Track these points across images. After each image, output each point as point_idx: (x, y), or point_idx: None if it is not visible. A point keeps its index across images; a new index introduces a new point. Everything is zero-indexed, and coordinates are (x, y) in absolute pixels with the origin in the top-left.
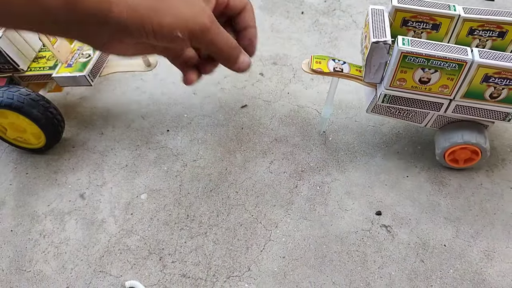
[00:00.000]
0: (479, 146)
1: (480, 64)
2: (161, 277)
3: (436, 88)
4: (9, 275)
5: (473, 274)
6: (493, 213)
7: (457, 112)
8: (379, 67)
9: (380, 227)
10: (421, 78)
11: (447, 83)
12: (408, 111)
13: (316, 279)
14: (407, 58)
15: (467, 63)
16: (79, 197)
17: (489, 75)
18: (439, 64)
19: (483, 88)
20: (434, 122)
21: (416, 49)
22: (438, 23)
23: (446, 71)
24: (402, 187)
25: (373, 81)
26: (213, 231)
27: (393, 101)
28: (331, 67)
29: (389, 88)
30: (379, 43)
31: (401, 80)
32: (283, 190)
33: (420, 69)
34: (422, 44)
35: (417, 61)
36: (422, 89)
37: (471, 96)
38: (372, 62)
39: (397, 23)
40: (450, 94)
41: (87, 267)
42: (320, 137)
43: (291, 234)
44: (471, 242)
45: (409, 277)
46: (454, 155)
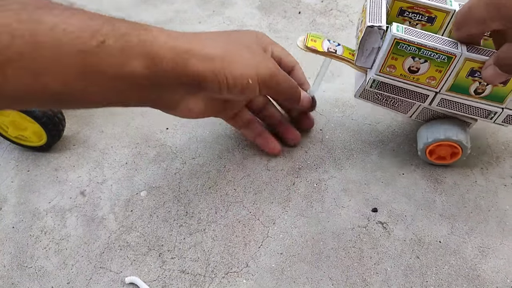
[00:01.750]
0: (461, 144)
1: (467, 57)
2: (160, 273)
3: (423, 79)
4: (11, 271)
5: (468, 270)
6: (487, 210)
7: (441, 106)
8: (371, 51)
9: (376, 223)
10: (411, 67)
11: (435, 74)
12: (395, 100)
13: (313, 275)
14: (399, 45)
15: (456, 56)
16: (80, 194)
17: (475, 69)
18: (429, 54)
19: (468, 82)
20: (420, 114)
21: (409, 36)
22: (434, 16)
23: (435, 62)
24: (398, 184)
25: (364, 65)
26: (212, 227)
27: (381, 87)
28: (325, 47)
29: (378, 73)
30: (374, 27)
31: (391, 66)
32: (281, 187)
33: (411, 58)
34: (416, 33)
35: (409, 49)
36: (410, 78)
37: (456, 90)
38: (365, 46)
39: (394, 12)
40: (436, 86)
41: (88, 263)
42: (317, 135)
43: (288, 230)
44: (465, 238)
45: (404, 273)
46: (435, 151)
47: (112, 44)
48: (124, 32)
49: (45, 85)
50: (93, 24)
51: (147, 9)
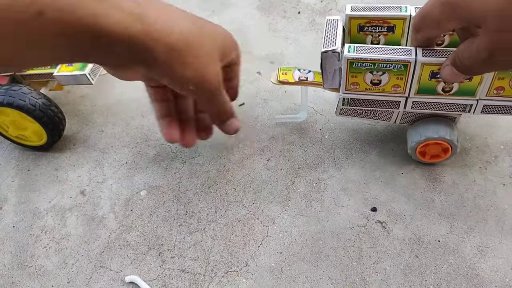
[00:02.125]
0: (451, 143)
1: (423, 62)
2: (160, 272)
3: (389, 88)
4: (11, 270)
5: (467, 269)
6: (486, 209)
7: (416, 108)
8: (334, 73)
9: (375, 223)
10: (372, 80)
11: (397, 82)
12: (373, 111)
13: (313, 274)
14: (354, 64)
15: (411, 63)
16: (80, 193)
17: (435, 71)
18: (385, 66)
19: (433, 83)
20: (403, 118)
21: (360, 55)
22: (393, 25)
23: (393, 72)
24: (397, 184)
25: (332, 86)
26: (212, 227)
27: (353, 103)
28: (296, 76)
29: (346, 92)
30: (328, 52)
31: (354, 84)
32: (280, 186)
33: (369, 73)
34: (367, 49)
35: (364, 65)
36: (376, 90)
37: (424, 92)
38: (327, 69)
39: (354, 30)
40: (403, 92)
41: (88, 262)
42: (316, 134)
43: (288, 230)
44: (464, 238)
45: (404, 272)
46: (425, 149)
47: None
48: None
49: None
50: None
51: None
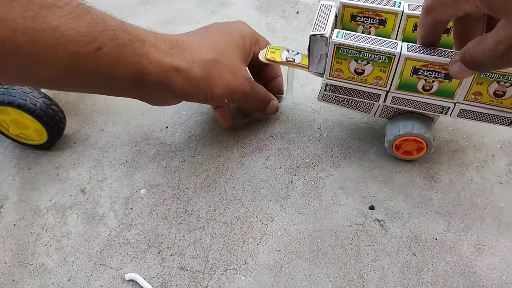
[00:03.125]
0: (428, 141)
1: (407, 57)
2: (160, 270)
3: (371, 79)
4: (12, 268)
5: (464, 267)
6: (483, 207)
7: (395, 104)
8: (320, 58)
9: (373, 221)
10: (356, 69)
11: (380, 74)
12: (354, 101)
13: (311, 271)
14: (340, 49)
15: (395, 56)
16: (80, 192)
17: (417, 67)
18: (370, 56)
19: (414, 80)
20: (382, 113)
21: (347, 41)
22: (384, 19)
23: (377, 63)
24: (395, 182)
25: (317, 70)
26: (211, 225)
27: (335, 90)
28: (284, 57)
29: (329, 78)
30: (317, 36)
31: (338, 70)
32: (279, 185)
33: (354, 61)
34: (355, 37)
35: (350, 52)
36: (359, 80)
37: (405, 88)
38: (313, 53)
39: (347, 19)
40: (385, 85)
41: (88, 260)
42: (314, 133)
43: (286, 228)
44: (461, 236)
45: (401, 270)
46: (402, 145)
47: (108, 52)
48: (121, 43)
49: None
50: (94, 30)
51: (147, 9)
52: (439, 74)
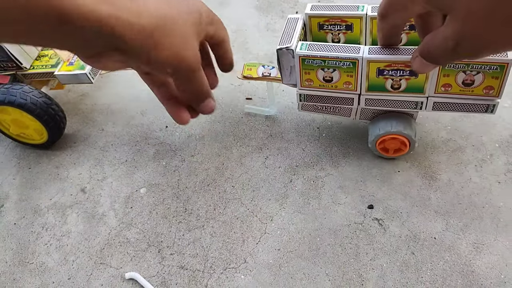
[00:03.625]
0: (408, 137)
1: (369, 59)
2: (160, 268)
3: (341, 85)
4: (13, 266)
5: (462, 266)
6: (481, 206)
7: (370, 105)
8: (291, 70)
9: (372, 220)
10: (324, 77)
11: (348, 79)
12: (331, 107)
13: (310, 270)
14: (306, 61)
15: (358, 60)
16: (80, 191)
17: (381, 68)
18: (334, 63)
19: (381, 81)
20: (362, 115)
21: (311, 52)
22: (350, 24)
23: (343, 69)
24: (394, 182)
25: (290, 82)
26: (210, 224)
27: (310, 99)
28: (260, 72)
29: (301, 88)
30: (283, 49)
31: (308, 80)
32: (278, 184)
33: (321, 69)
34: (318, 47)
35: (315, 62)
36: (329, 87)
37: (375, 89)
38: (284, 66)
39: (315, 29)
40: (355, 89)
41: (88, 259)
42: (314, 133)
43: (285, 227)
44: (460, 235)
45: (400, 269)
46: (384, 144)
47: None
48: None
49: None
50: None
51: None
52: (404, 72)
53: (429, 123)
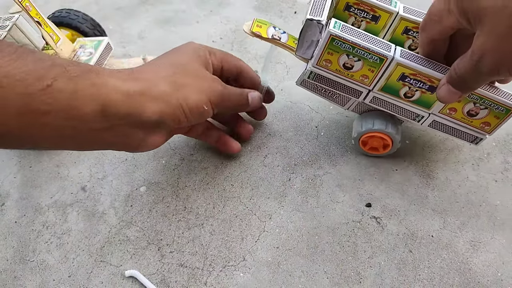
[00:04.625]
0: (392, 136)
1: (399, 62)
2: (159, 266)
3: (357, 76)
4: (13, 264)
5: (460, 264)
6: (478, 205)
7: (373, 103)
8: (311, 44)
9: (370, 218)
10: (345, 63)
11: (367, 73)
12: (332, 92)
13: (309, 268)
14: (335, 41)
15: (387, 58)
16: (81, 189)
17: (406, 74)
18: (362, 53)
19: (399, 85)
20: (356, 108)
21: (344, 34)
22: (378, 16)
23: (368, 62)
24: (391, 180)
25: (304, 56)
26: (210, 222)
27: (318, 79)
28: (270, 33)
29: (316, 66)
30: (313, 21)
31: (327, 61)
32: (277, 183)
33: (345, 55)
34: (352, 31)
35: (343, 46)
36: (345, 74)
37: (387, 91)
38: (305, 38)
39: (341, 6)
40: (369, 84)
41: (89, 257)
42: (312, 132)
43: (284, 225)
44: (457, 233)
45: (398, 267)
46: (368, 141)
47: (62, 87)
48: (74, 76)
49: None
50: (40, 67)
51: (146, 9)
52: (424, 85)
53: None
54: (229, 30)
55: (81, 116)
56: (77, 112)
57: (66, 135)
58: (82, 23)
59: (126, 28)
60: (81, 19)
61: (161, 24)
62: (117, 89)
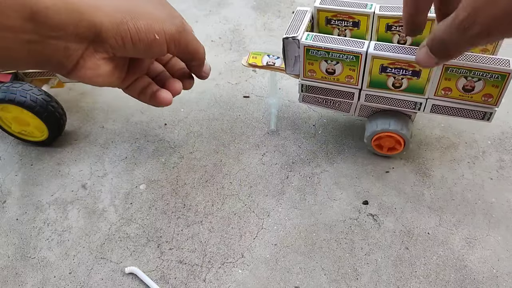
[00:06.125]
0: (404, 137)
1: (373, 55)
2: (159, 263)
3: (343, 78)
4: (15, 261)
5: (455, 261)
6: (474, 202)
7: (369, 101)
8: (295, 60)
9: (367, 215)
10: (327, 69)
11: (350, 73)
12: (332, 101)
13: (306, 265)
14: (310, 51)
15: (362, 54)
16: (81, 187)
17: (385, 65)
18: (338, 56)
19: (383, 78)
20: (360, 112)
21: (316, 43)
22: (357, 21)
23: (346, 62)
24: (388, 178)
25: (293, 72)
26: (208, 219)
27: (311, 90)
28: (264, 61)
29: (303, 78)
30: (289, 38)
31: (311, 71)
32: (275, 181)
33: (324, 61)
34: (323, 39)
35: (319, 53)
36: (331, 79)
37: (376, 86)
38: (288, 56)
39: (322, 22)
40: (356, 84)
41: (89, 254)
42: (310, 130)
43: (282, 222)
44: (453, 230)
45: (394, 263)
46: (379, 141)
47: None
48: None
49: None
50: None
51: None
52: (407, 72)
53: (423, 121)
54: (228, 30)
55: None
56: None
57: None
58: None
59: None
60: None
61: None
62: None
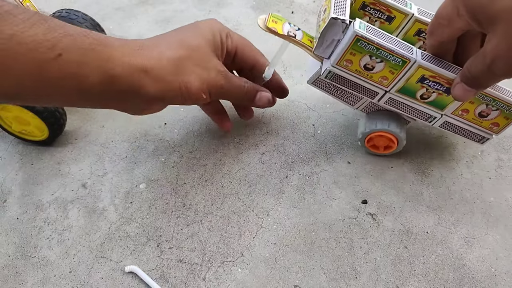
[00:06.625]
0: (398, 136)
1: (420, 65)
2: (159, 262)
3: (376, 78)
4: (15, 260)
5: (454, 260)
6: (472, 201)
7: (388, 104)
8: (331, 43)
9: (366, 215)
10: (367, 64)
11: (387, 75)
12: (345, 92)
13: (306, 264)
14: (360, 42)
15: (410, 61)
16: (81, 186)
17: (426, 76)
18: (386, 55)
19: (417, 87)
20: (365, 108)
21: (370, 35)
22: (393, 16)
23: (390, 63)
24: (387, 177)
25: (322, 55)
26: (208, 218)
27: (335, 79)
28: (285, 30)
29: (335, 66)
30: (338, 20)
31: (348, 61)
32: (274, 180)
33: (368, 56)
34: (376, 33)
35: (368, 47)
36: (364, 75)
37: (404, 92)
38: (326, 36)
39: (357, 6)
40: (387, 86)
41: (89, 253)
42: (309, 130)
43: (281, 221)
44: (452, 229)
45: (393, 262)
46: (373, 141)
47: (71, 58)
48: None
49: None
50: (52, 37)
51: (145, 9)
52: (441, 87)
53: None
54: None
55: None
56: (84, 80)
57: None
58: (82, 23)
59: (126, 28)
60: (81, 19)
61: (161, 24)
62: (122, 65)
